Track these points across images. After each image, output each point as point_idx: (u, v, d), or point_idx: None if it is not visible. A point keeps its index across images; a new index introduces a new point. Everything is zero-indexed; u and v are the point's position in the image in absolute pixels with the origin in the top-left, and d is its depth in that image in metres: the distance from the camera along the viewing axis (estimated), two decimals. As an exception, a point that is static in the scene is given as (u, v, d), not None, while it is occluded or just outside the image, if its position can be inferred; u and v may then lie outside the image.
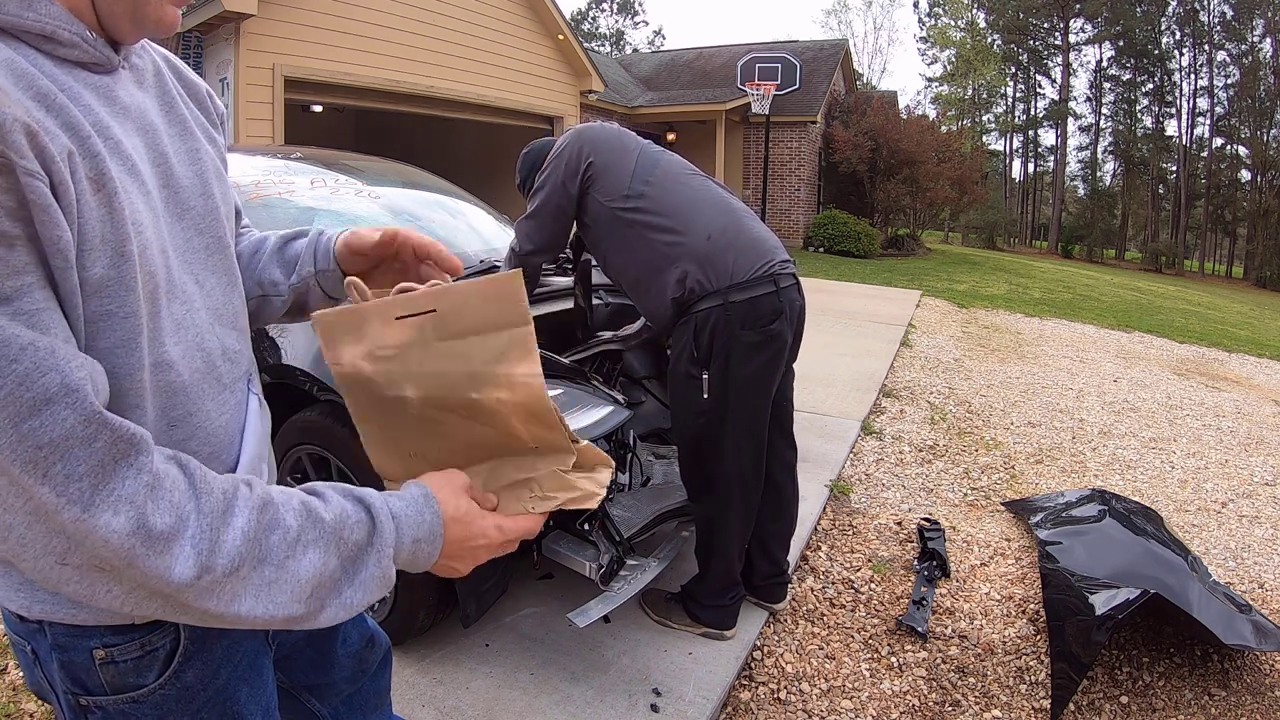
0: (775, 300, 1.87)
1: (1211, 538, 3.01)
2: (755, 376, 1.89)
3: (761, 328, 1.86)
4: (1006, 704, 2.01)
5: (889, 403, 4.56)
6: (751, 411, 1.93)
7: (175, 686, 0.74)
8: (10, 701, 1.83)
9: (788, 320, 1.91)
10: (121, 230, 0.59)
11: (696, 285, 1.86)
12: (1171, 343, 7.43)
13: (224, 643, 0.79)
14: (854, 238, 13.67)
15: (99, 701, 0.73)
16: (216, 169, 0.78)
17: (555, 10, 10.93)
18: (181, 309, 0.69)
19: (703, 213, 1.93)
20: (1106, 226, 33.98)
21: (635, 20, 52.73)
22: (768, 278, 1.87)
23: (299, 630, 0.92)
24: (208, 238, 0.74)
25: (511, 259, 2.09)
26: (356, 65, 8.09)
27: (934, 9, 37.47)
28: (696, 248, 1.87)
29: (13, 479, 0.51)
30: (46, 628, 0.71)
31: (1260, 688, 2.10)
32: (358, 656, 1.05)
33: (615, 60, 19.59)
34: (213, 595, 0.58)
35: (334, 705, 1.05)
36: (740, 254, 1.87)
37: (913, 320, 7.29)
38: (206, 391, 0.72)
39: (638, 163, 1.99)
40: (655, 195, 1.95)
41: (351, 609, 0.64)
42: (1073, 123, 36.09)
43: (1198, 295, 15.36)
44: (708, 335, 1.85)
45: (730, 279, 1.85)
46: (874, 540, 2.81)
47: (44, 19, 0.57)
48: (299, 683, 1.00)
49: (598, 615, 1.84)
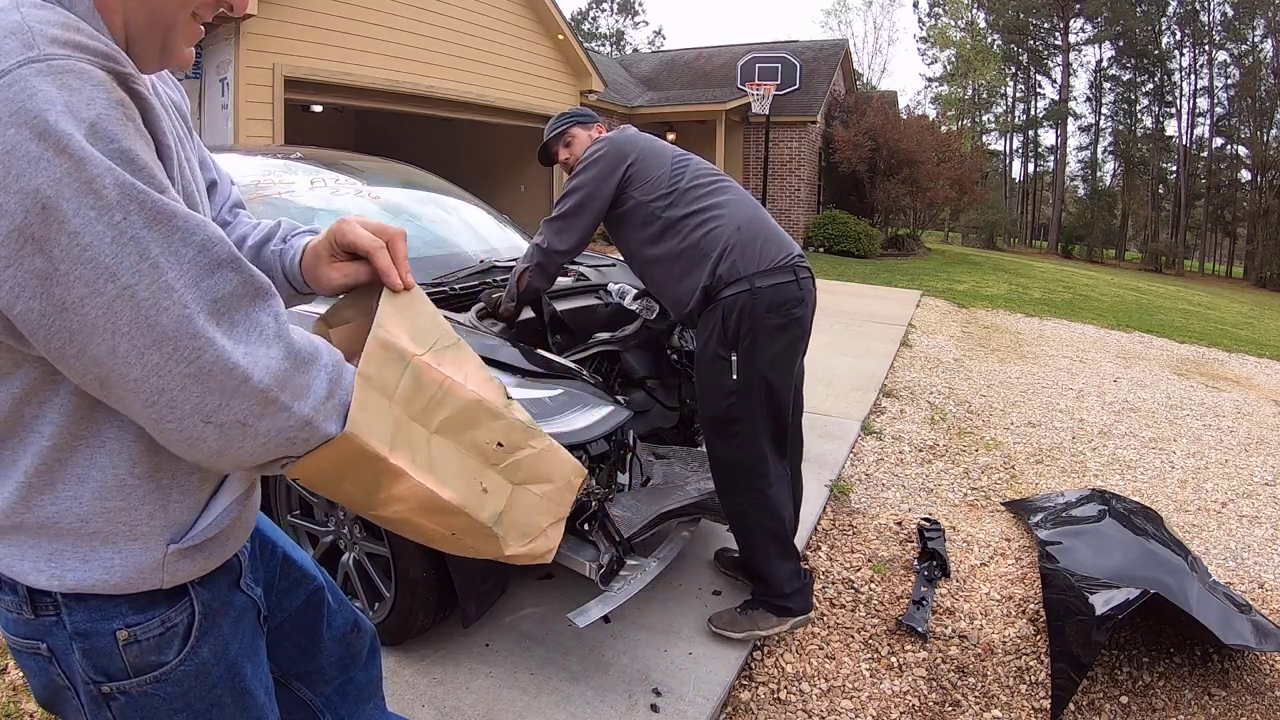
0: (796, 288, 2.02)
1: (1211, 538, 3.01)
2: (779, 358, 2.02)
3: (785, 312, 2.00)
4: (1006, 704, 2.01)
5: (889, 403, 4.56)
6: (777, 394, 2.04)
7: (193, 662, 0.76)
8: (10, 701, 1.83)
9: (807, 307, 2.07)
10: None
11: (726, 273, 1.99)
12: (1171, 343, 7.43)
13: (230, 616, 0.82)
14: (854, 238, 13.66)
15: (122, 686, 0.74)
16: (199, 184, 0.82)
17: (555, 10, 10.93)
18: None
19: (732, 207, 2.08)
20: (1106, 226, 33.97)
21: (635, 20, 52.76)
22: (789, 268, 2.02)
23: (284, 613, 0.99)
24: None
25: (536, 254, 2.10)
26: (356, 65, 8.09)
27: (934, 9, 37.47)
28: (729, 238, 2.01)
29: (182, 338, 0.59)
30: (65, 617, 0.72)
31: (1260, 688, 2.10)
32: (344, 641, 1.07)
33: (615, 60, 19.59)
34: (330, 417, 0.67)
35: (325, 694, 1.07)
36: (765, 245, 2.02)
37: (913, 320, 7.28)
38: None
39: (672, 163, 2.15)
40: (690, 191, 2.09)
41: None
42: (1073, 123, 36.10)
43: (1198, 295, 15.36)
44: (735, 318, 1.98)
45: (757, 266, 1.99)
46: (874, 540, 2.81)
47: (109, 44, 0.65)
48: (288, 671, 1.02)
49: (598, 615, 1.84)
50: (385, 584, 1.94)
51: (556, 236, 2.09)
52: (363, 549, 2.00)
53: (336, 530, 2.04)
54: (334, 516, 2.04)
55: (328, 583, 1.07)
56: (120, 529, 0.70)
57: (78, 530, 0.69)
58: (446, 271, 2.46)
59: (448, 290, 2.25)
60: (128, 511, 0.70)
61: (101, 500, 0.69)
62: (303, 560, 1.04)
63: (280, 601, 0.99)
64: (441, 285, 2.28)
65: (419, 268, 2.49)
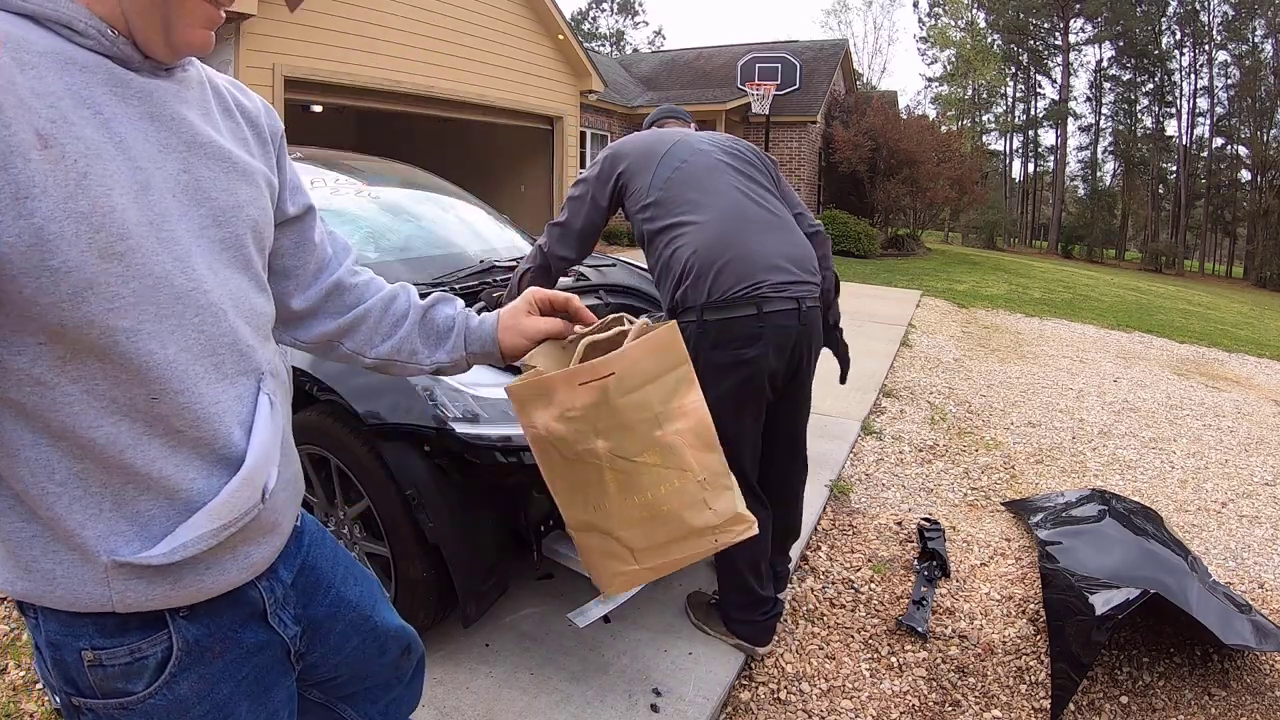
0: (753, 324, 1.76)
1: (1211, 538, 3.01)
2: (724, 400, 1.73)
3: (732, 350, 1.77)
4: (1006, 704, 2.01)
5: (889, 403, 4.56)
6: (731, 441, 1.71)
7: (167, 697, 0.74)
8: (10, 701, 1.83)
9: (769, 346, 1.78)
10: (69, 179, 0.62)
11: (681, 298, 1.83)
12: (1171, 343, 7.43)
13: (227, 657, 0.78)
14: (854, 238, 13.67)
15: (90, 704, 0.73)
16: (247, 175, 0.80)
17: (555, 10, 10.93)
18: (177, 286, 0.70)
19: (705, 221, 1.86)
20: (1106, 226, 33.98)
21: (635, 20, 52.79)
22: (751, 299, 1.77)
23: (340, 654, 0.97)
24: (225, 231, 0.76)
25: (538, 256, 2.09)
26: (357, 65, 8.09)
27: (934, 9, 37.47)
28: (687, 261, 1.82)
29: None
30: (41, 624, 0.72)
31: (1260, 688, 2.10)
32: (394, 665, 1.06)
33: (615, 60, 19.59)
34: None
35: (369, 714, 1.05)
36: (725, 271, 1.78)
37: (913, 320, 7.28)
38: (199, 373, 0.71)
39: (656, 170, 1.95)
40: (672, 200, 1.91)
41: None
42: (1073, 123, 36.12)
43: (1198, 295, 15.36)
44: (691, 349, 1.82)
45: (707, 296, 1.78)
46: (874, 540, 2.81)
47: (62, 12, 0.65)
48: (334, 695, 1.00)
49: (598, 615, 1.84)
50: (385, 584, 1.94)
51: (556, 242, 2.07)
52: (363, 549, 2.00)
53: (336, 530, 2.04)
54: (334, 516, 2.04)
55: (385, 608, 1.04)
56: (58, 536, 0.68)
57: (16, 537, 0.69)
58: (446, 271, 2.46)
59: (448, 290, 2.26)
60: (56, 521, 0.68)
61: (27, 509, 0.68)
62: (358, 599, 0.99)
63: (333, 644, 0.95)
64: (441, 285, 2.28)
65: (419, 268, 2.49)
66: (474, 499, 1.84)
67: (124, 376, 0.66)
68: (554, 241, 2.08)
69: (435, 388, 1.79)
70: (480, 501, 1.85)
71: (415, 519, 1.77)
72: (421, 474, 1.78)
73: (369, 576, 1.05)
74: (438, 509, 1.77)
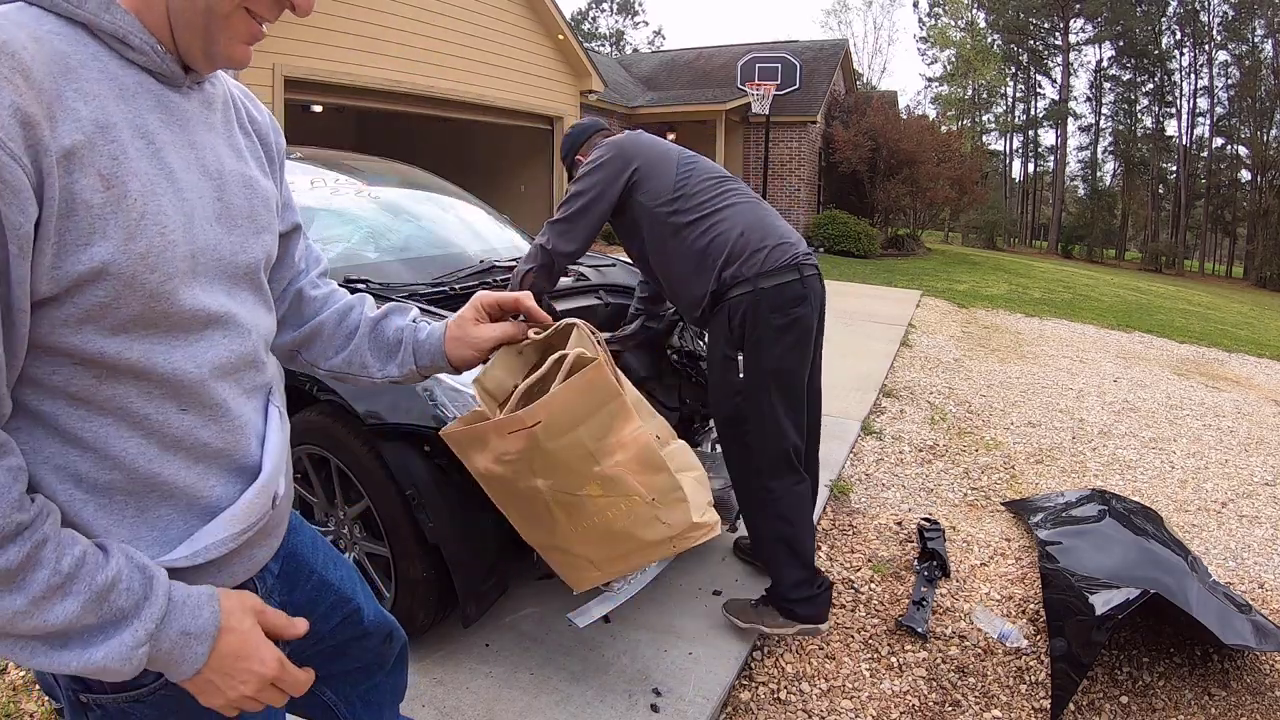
0: (799, 287, 2.03)
1: (1211, 538, 3.01)
2: (784, 356, 2.03)
3: (787, 311, 2.02)
4: (1006, 704, 2.01)
5: (889, 402, 4.56)
6: (788, 390, 2.06)
7: (176, 687, 0.74)
8: (10, 701, 1.83)
9: (811, 305, 2.07)
10: (130, 220, 0.63)
11: (731, 277, 2.01)
12: (1171, 343, 7.43)
13: None
14: (854, 238, 13.66)
15: (99, 700, 0.73)
16: (265, 199, 0.81)
17: (555, 10, 10.93)
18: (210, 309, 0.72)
19: (736, 211, 2.09)
20: (1106, 226, 33.98)
21: (635, 20, 52.81)
22: (793, 266, 2.03)
23: (318, 635, 0.97)
24: (249, 256, 0.78)
25: (539, 255, 2.09)
26: (357, 65, 8.09)
27: (934, 9, 37.49)
28: (734, 244, 2.03)
29: None
30: None
31: (1260, 688, 2.10)
32: (376, 652, 1.07)
33: (615, 60, 19.59)
34: None
35: (348, 697, 1.06)
36: (769, 246, 2.03)
37: (913, 320, 7.28)
38: (226, 389, 0.74)
39: (678, 168, 2.14)
40: (695, 196, 2.10)
41: (89, 667, 0.63)
42: (1073, 123, 36.13)
43: (1198, 295, 15.36)
44: (739, 319, 2.01)
45: (760, 268, 2.00)
46: (874, 540, 2.81)
47: (118, 23, 0.64)
48: (315, 675, 1.01)
49: (598, 615, 1.84)
50: (385, 584, 1.94)
51: (560, 238, 2.08)
52: (362, 549, 2.00)
53: (336, 530, 2.04)
54: (334, 516, 2.04)
55: (365, 594, 1.07)
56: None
57: None
58: (446, 271, 2.45)
59: (447, 290, 2.25)
60: (81, 528, 0.67)
61: None
62: (339, 582, 1.02)
63: (315, 627, 0.95)
64: (441, 285, 2.27)
65: (419, 268, 2.49)
66: (474, 499, 1.82)
67: (158, 393, 0.68)
68: (557, 238, 2.09)
69: (435, 388, 1.79)
70: (480, 501, 1.83)
71: (415, 519, 1.77)
72: (421, 474, 1.78)
73: (347, 562, 1.08)
74: (438, 509, 1.76)
